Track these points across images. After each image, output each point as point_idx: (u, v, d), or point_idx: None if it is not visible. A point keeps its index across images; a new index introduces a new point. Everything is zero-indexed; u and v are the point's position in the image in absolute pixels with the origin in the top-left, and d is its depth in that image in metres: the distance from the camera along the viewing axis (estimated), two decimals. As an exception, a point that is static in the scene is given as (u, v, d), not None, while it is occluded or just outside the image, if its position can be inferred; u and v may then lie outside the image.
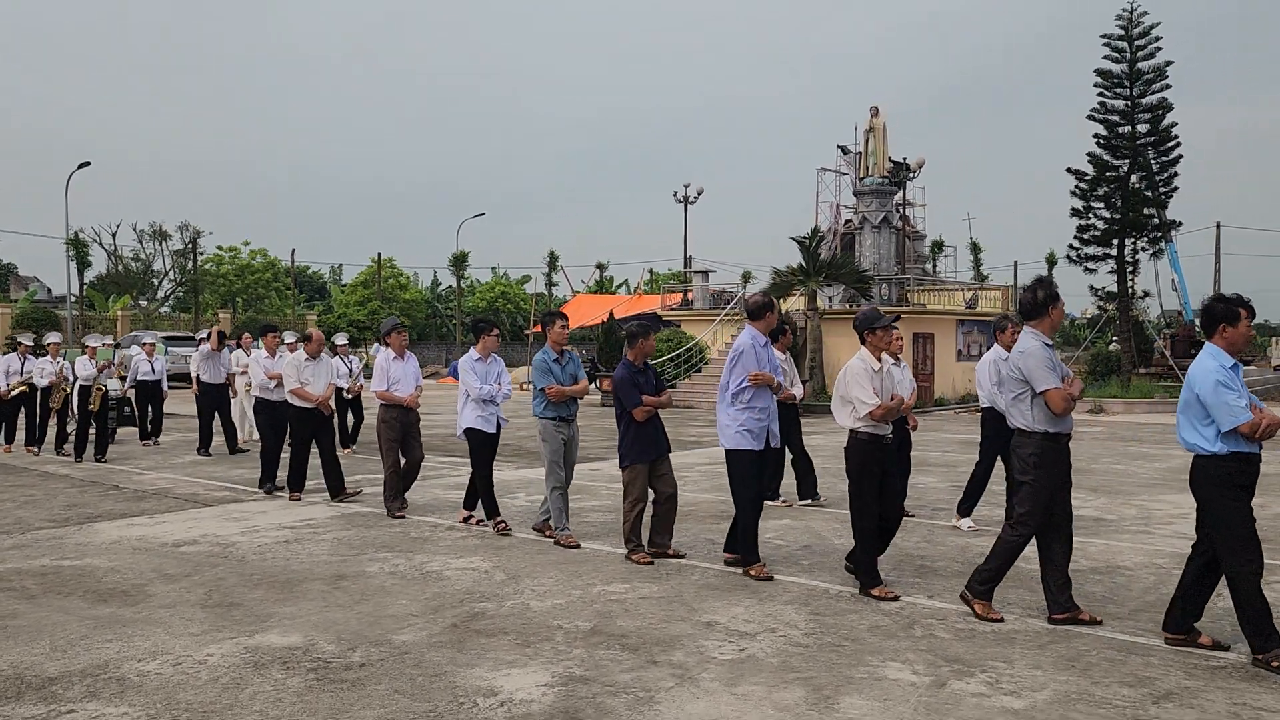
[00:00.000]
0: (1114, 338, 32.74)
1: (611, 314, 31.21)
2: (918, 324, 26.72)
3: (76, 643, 5.40)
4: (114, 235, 52.63)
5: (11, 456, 14.22)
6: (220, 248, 55.51)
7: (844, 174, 33.54)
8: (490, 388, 8.64)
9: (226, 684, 4.76)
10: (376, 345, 28.30)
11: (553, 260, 58.73)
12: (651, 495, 7.51)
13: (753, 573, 6.87)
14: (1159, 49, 31.70)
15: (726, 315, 29.43)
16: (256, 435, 14.12)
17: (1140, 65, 31.74)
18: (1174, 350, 31.09)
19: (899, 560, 7.51)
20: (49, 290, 65.09)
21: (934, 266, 43.61)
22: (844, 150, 33.50)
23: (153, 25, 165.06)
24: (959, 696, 4.64)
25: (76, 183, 68.61)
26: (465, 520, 8.88)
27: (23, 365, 14.76)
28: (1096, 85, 32.44)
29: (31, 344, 15.60)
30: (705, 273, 33.43)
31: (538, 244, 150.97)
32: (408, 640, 5.45)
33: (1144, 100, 31.90)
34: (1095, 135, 32.52)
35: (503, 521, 8.57)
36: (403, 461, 9.46)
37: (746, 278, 48.91)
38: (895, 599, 6.31)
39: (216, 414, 14.68)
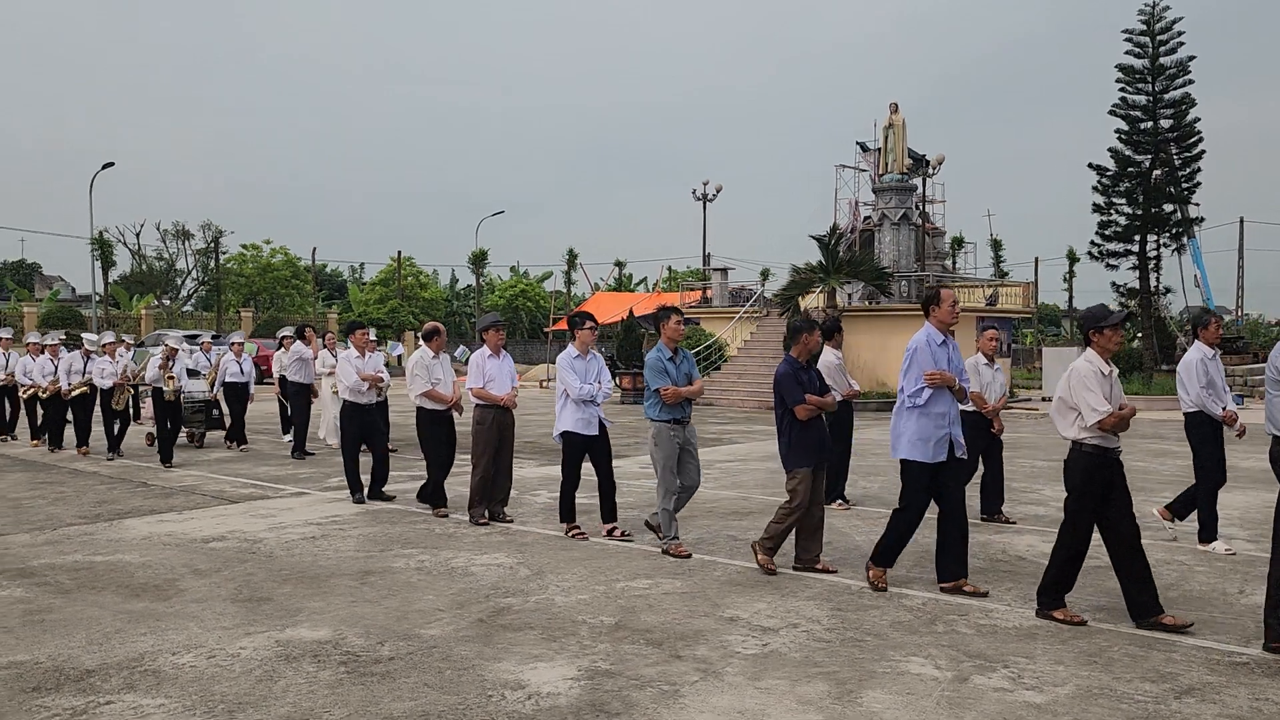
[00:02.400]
0: (1137, 335, 32.53)
1: (631, 312, 31.25)
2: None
3: (112, 636, 5.52)
4: (138, 235, 53.25)
5: (43, 453, 14.41)
6: (244, 246, 55.98)
7: (863, 170, 33.48)
8: (590, 387, 8.09)
9: (259, 676, 4.86)
10: (393, 343, 28.44)
11: (572, 258, 58.89)
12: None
13: (873, 575, 6.53)
14: (1181, 43, 31.49)
15: (745, 313, 29.44)
16: (335, 441, 13.84)
17: (1162, 60, 31.55)
18: (1196, 347, 30.82)
19: (920, 556, 7.54)
20: (74, 290, 65.81)
21: (954, 263, 43.45)
22: (863, 147, 33.43)
23: (174, 28, 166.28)
24: (981, 691, 4.68)
25: (101, 183, 69.46)
26: (569, 532, 8.28)
27: (85, 365, 14.37)
28: (1118, 80, 32.26)
29: (57, 343, 15.49)
30: (724, 270, 33.45)
31: (557, 242, 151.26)
32: (435, 635, 5.54)
33: (1166, 95, 31.70)
34: (1117, 131, 32.34)
35: (578, 527, 8.26)
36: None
37: (765, 275, 48.99)
38: (1082, 623, 5.73)
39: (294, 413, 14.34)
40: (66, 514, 9.40)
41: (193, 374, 14.84)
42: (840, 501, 9.84)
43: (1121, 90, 32.24)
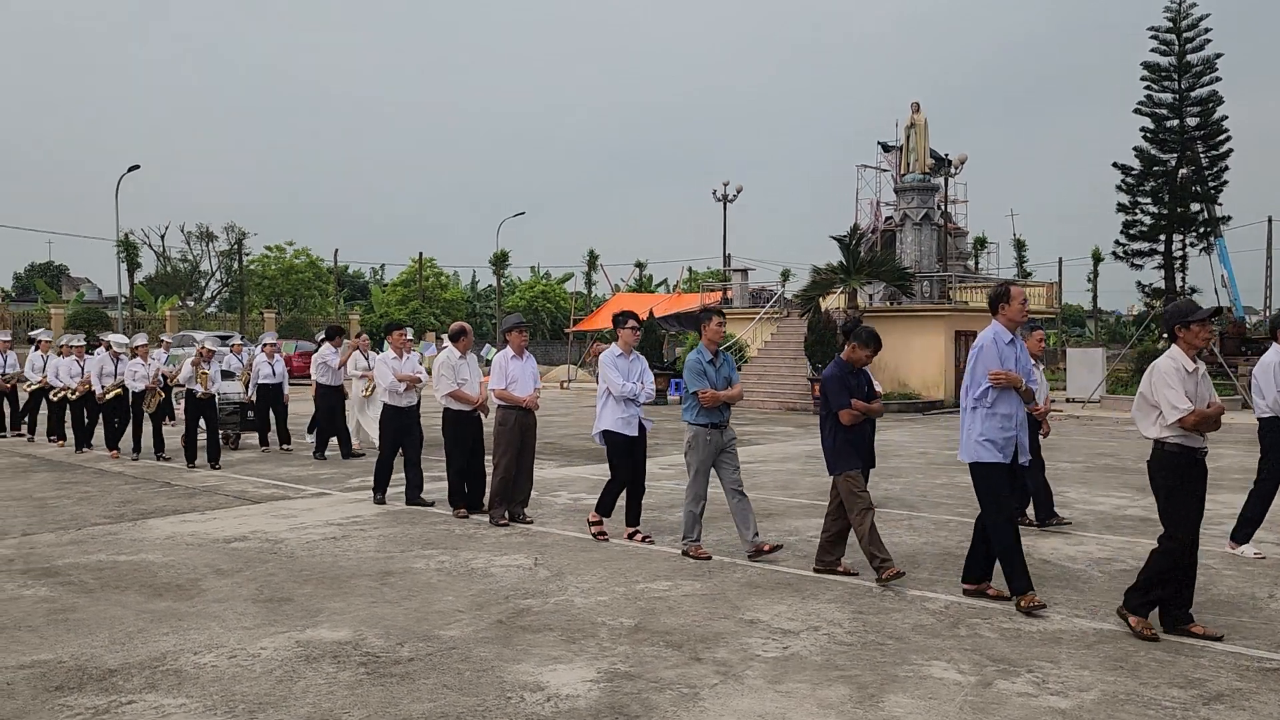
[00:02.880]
0: (1162, 335, 32.20)
1: (651, 312, 31.24)
2: (960, 321, 26.48)
3: (134, 636, 5.55)
4: (163, 237, 53.78)
5: (66, 454, 14.54)
6: (267, 248, 56.38)
7: (884, 170, 33.35)
8: (633, 385, 7.97)
9: (280, 677, 4.87)
10: (426, 343, 28.52)
11: (592, 259, 58.93)
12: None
13: (1023, 604, 5.94)
14: (1208, 40, 31.20)
15: (766, 314, 29.36)
16: (375, 441, 13.56)
17: (1189, 58, 31.27)
18: (1224, 348, 30.50)
19: (942, 559, 7.49)
20: (100, 291, 66.46)
21: (976, 263, 43.17)
22: (885, 147, 33.32)
23: (197, 33, 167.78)
24: (1005, 696, 4.63)
25: (126, 186, 70.13)
26: (631, 537, 8.12)
27: (116, 367, 14.19)
28: (1144, 79, 32.02)
29: (83, 345, 15.56)
30: (744, 271, 33.36)
31: (577, 243, 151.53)
32: (455, 636, 5.54)
33: (1193, 93, 31.43)
34: (1142, 129, 32.13)
35: (604, 531, 8.16)
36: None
37: (786, 276, 48.80)
38: (1154, 638, 5.47)
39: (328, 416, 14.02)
40: (91, 513, 9.48)
41: (226, 375, 14.71)
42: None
43: (1147, 88, 32.00)
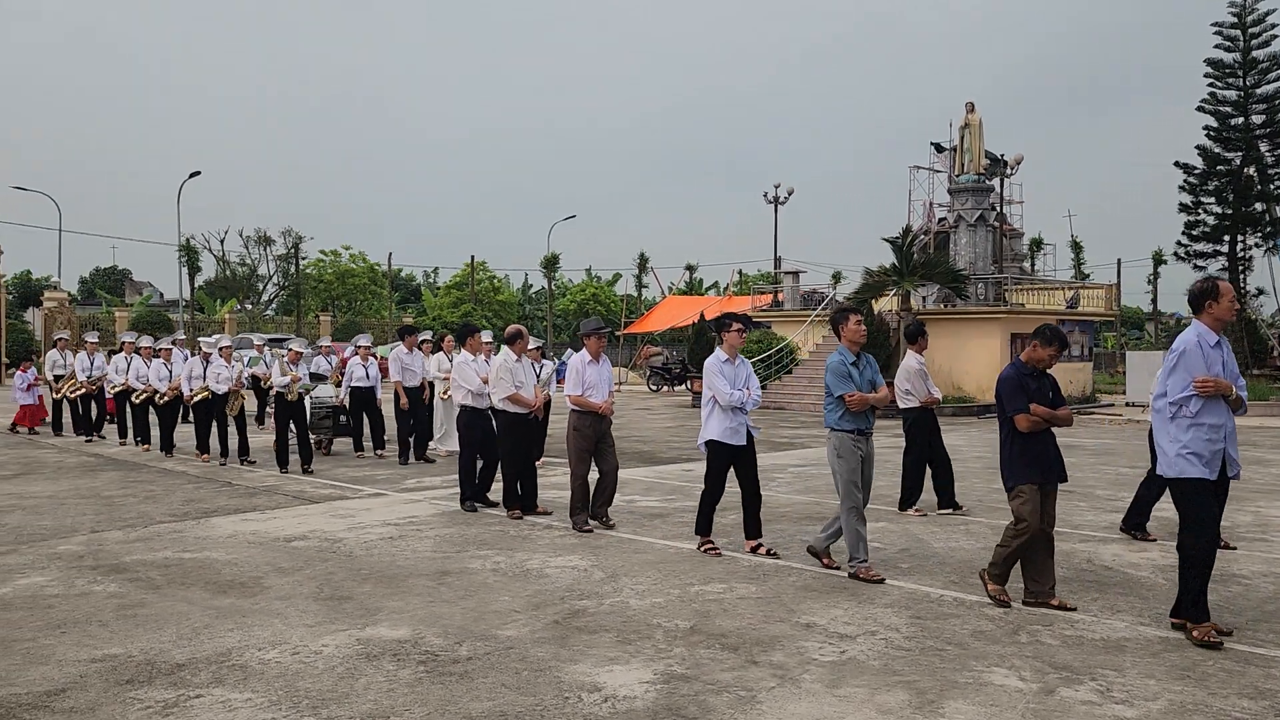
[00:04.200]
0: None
1: (702, 315, 31.20)
2: (1016, 324, 26.08)
3: (200, 631, 5.67)
4: (222, 241, 54.80)
5: (133, 453, 14.89)
6: (323, 252, 57.27)
7: (938, 171, 32.97)
8: (740, 394, 7.59)
9: (342, 674, 4.95)
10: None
11: (643, 262, 59.00)
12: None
13: (1197, 634, 5.43)
14: (1275, 36, 30.41)
15: (817, 316, 29.17)
16: (454, 445, 13.36)
17: (1255, 54, 30.53)
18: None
19: (1001, 565, 7.39)
20: (161, 294, 68.02)
21: (1032, 265, 42.48)
22: (938, 147, 32.93)
23: (257, 45, 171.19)
24: (1068, 704, 4.55)
25: (188, 192, 71.73)
26: (754, 550, 7.76)
27: (205, 370, 13.83)
28: (1207, 75, 31.31)
29: (170, 347, 15.11)
30: (796, 273, 33.16)
31: (627, 246, 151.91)
32: (512, 636, 5.58)
33: (1258, 90, 30.67)
34: (1205, 127, 31.41)
35: (711, 543, 7.76)
36: (595, 473, 8.77)
37: (837, 278, 48.39)
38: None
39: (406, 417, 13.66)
40: (156, 512, 9.70)
41: (317, 378, 14.54)
42: (915, 509, 9.64)
43: (1211, 85, 31.29)
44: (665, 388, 33.40)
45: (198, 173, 42.02)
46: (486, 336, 13.49)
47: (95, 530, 8.73)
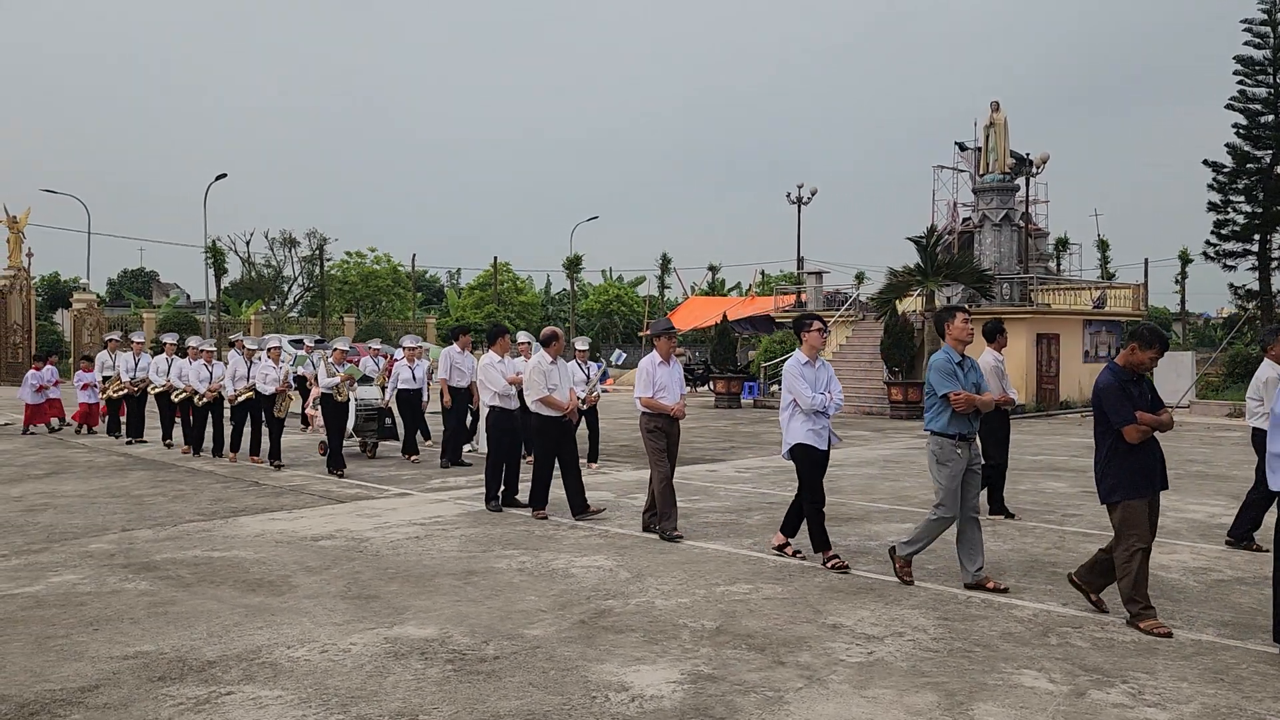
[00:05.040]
0: (1258, 339, 31.05)
1: (725, 316, 31.16)
2: (1042, 324, 25.89)
3: (230, 629, 5.72)
4: (248, 243, 55.24)
5: (161, 452, 15.03)
6: (347, 254, 57.65)
7: (962, 171, 32.77)
8: (822, 397, 7.31)
9: (370, 672, 4.98)
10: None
11: (665, 262, 59.01)
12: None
13: None
14: (1305, 32, 30.04)
15: (840, 317, 29.07)
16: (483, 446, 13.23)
17: (1284, 50, 30.13)
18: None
19: (1029, 566, 7.34)
20: (188, 296, 68.68)
21: (1058, 265, 42.19)
22: (962, 147, 32.73)
23: (283, 51, 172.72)
24: (1099, 707, 4.52)
25: (214, 194, 72.46)
26: (782, 548, 7.65)
27: (249, 370, 13.62)
28: (1236, 73, 30.98)
29: (213, 349, 14.98)
30: (819, 274, 33.05)
31: (650, 247, 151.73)
32: (538, 635, 5.60)
33: (1289, 87, 30.26)
34: (1235, 125, 31.07)
35: (836, 557, 7.27)
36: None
37: (860, 278, 48.30)
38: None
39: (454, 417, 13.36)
40: (185, 511, 9.80)
41: (364, 380, 14.40)
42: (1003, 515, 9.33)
43: (1240, 82, 30.96)
44: (689, 388, 33.40)
45: (224, 175, 42.44)
46: (523, 337, 13.38)
47: (126, 529, 8.83)
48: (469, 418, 14.02)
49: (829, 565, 7.20)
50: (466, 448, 13.95)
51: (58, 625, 5.81)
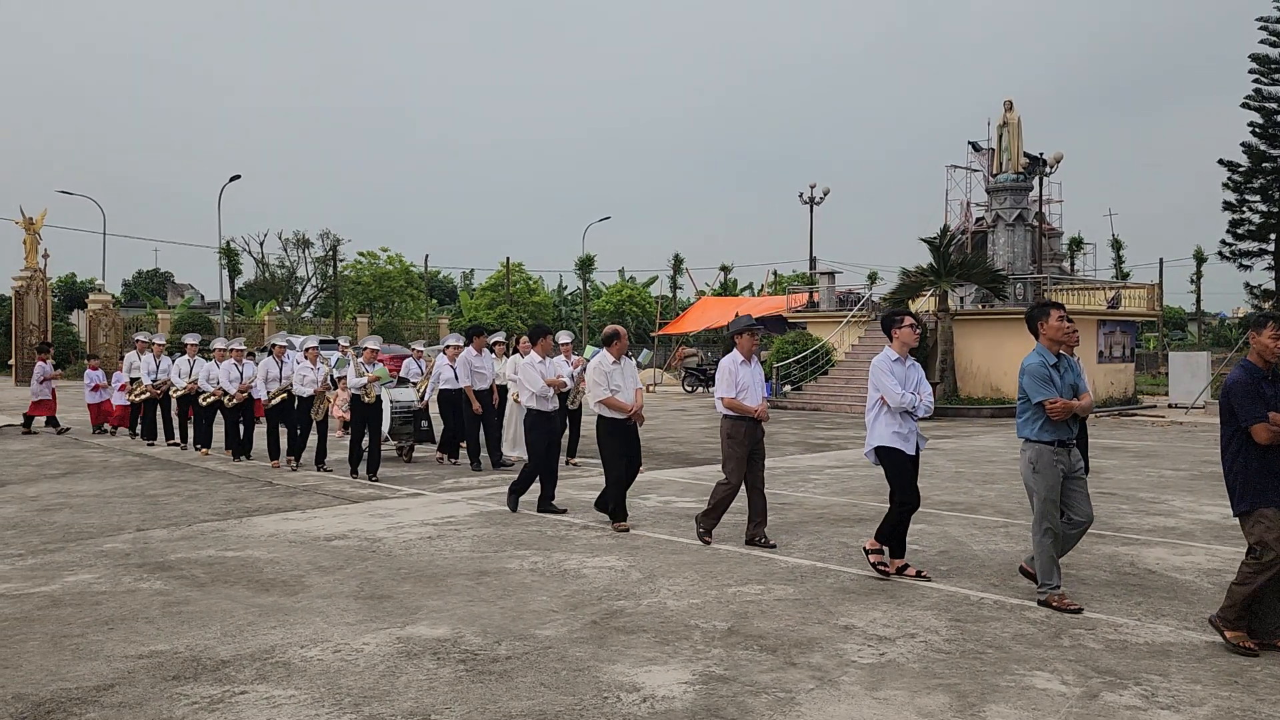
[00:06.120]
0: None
1: (737, 315, 31.16)
2: (1056, 324, 25.75)
3: (244, 629, 5.75)
4: (261, 244, 55.56)
5: (175, 453, 15.11)
6: (360, 254, 57.82)
7: (976, 170, 32.67)
8: (911, 396, 6.92)
9: (383, 672, 5.00)
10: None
11: (677, 263, 58.95)
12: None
13: None
14: (1322, 30, 29.82)
15: (853, 317, 29.01)
16: (515, 453, 13.23)
17: (1301, 48, 29.92)
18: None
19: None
20: (202, 296, 69.04)
21: (1072, 265, 41.99)
22: (975, 146, 32.63)
23: (297, 53, 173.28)
24: (1112, 709, 4.50)
25: (228, 195, 72.85)
26: (902, 570, 7.05)
27: (281, 370, 13.29)
28: (1252, 71, 30.80)
29: (242, 348, 14.46)
30: (831, 274, 32.99)
31: (662, 247, 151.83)
32: (550, 635, 5.61)
33: (1305, 85, 30.05)
34: (1250, 124, 30.88)
35: (915, 568, 7.03)
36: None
37: (873, 279, 48.12)
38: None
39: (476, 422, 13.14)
40: (200, 511, 9.85)
41: (402, 382, 14.11)
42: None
43: (1256, 81, 30.78)
44: (700, 389, 33.36)
45: (238, 176, 42.62)
46: (565, 338, 13.10)
47: (141, 528, 8.88)
48: (497, 420, 13.58)
49: (909, 573, 6.93)
50: (515, 454, 13.43)
51: (73, 624, 5.85)
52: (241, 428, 14.18)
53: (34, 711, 4.49)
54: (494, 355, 13.63)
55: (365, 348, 12.40)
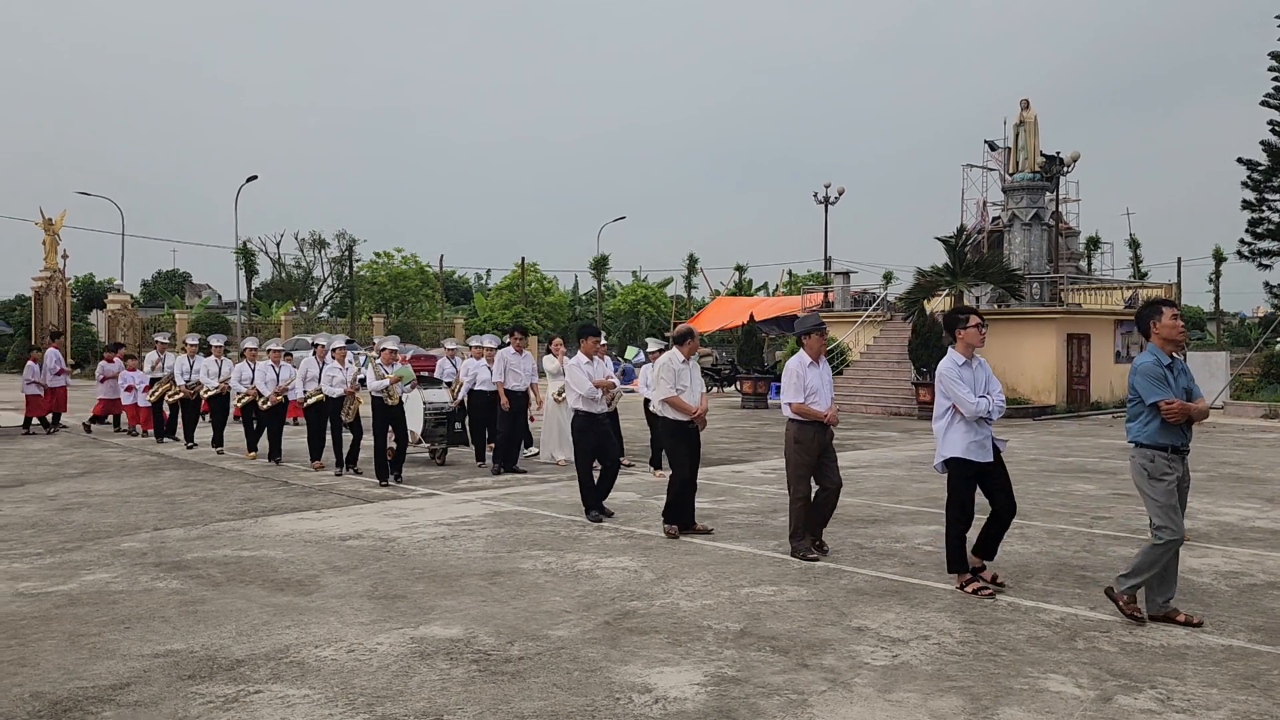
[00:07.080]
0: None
1: (752, 316, 31.07)
2: (1072, 324, 25.62)
3: (259, 628, 5.79)
4: (278, 244, 55.74)
5: (192, 453, 15.20)
6: (376, 254, 58.02)
7: (992, 170, 32.51)
8: (985, 401, 6.54)
9: (396, 672, 5.02)
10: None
11: (692, 263, 58.94)
12: None
13: None
14: (1342, 27, 29.53)
15: (868, 317, 28.93)
16: (563, 456, 13.04)
17: (1321, 46, 29.64)
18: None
19: (1057, 569, 7.27)
20: (219, 297, 69.41)
21: (1089, 264, 41.73)
22: (991, 145, 32.46)
23: (310, 54, 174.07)
24: (1127, 712, 4.48)
25: (245, 196, 73.33)
26: (965, 586, 6.62)
27: (320, 371, 13.04)
28: (1271, 69, 30.52)
29: (279, 349, 14.39)
30: (846, 274, 32.89)
31: (677, 247, 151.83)
32: (563, 636, 5.62)
33: (1325, 83, 29.77)
34: (1270, 122, 30.60)
35: (976, 579, 6.67)
36: (814, 488, 7.80)
37: (888, 278, 47.95)
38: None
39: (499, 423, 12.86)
40: (216, 510, 9.91)
41: (434, 383, 13.95)
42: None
43: (1275, 79, 30.47)
44: (715, 388, 33.33)
45: (255, 177, 42.88)
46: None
47: (158, 528, 8.95)
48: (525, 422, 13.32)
49: (968, 589, 6.56)
50: (562, 457, 13.34)
51: (90, 623, 5.90)
52: (266, 429, 14.14)
53: (51, 710, 4.53)
54: (552, 355, 13.37)
55: (384, 348, 12.24)
